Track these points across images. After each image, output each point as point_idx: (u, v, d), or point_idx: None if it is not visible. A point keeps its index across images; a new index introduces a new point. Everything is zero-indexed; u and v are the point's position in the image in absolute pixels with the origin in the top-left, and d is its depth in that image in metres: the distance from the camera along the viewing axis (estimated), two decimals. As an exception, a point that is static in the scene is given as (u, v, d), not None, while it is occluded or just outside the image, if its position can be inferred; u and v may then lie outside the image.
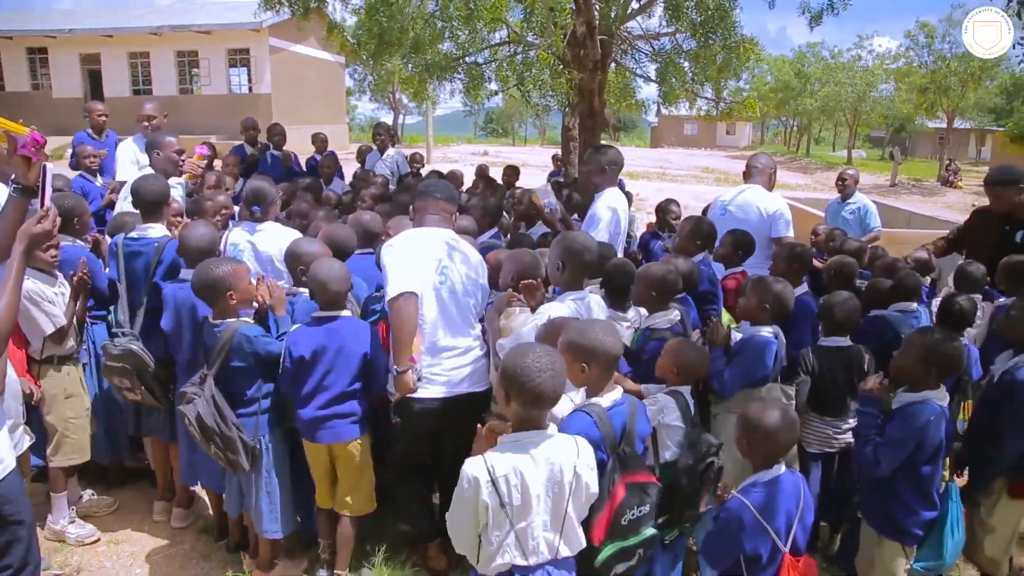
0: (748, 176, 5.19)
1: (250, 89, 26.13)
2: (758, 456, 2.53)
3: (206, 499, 4.05)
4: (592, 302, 3.23)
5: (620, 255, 4.69)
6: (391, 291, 3.08)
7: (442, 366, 3.23)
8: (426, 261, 3.23)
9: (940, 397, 2.88)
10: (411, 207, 3.58)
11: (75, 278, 3.58)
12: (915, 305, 4.09)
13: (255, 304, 3.44)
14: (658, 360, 3.08)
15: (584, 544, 2.31)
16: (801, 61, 43.67)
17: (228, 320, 3.27)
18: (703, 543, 2.73)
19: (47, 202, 2.34)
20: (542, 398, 2.16)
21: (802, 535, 2.51)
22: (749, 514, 2.43)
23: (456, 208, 3.57)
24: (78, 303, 3.65)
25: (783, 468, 2.52)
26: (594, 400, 2.57)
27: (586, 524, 2.38)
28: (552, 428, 2.28)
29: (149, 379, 3.61)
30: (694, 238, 4.35)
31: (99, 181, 6.24)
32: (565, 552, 2.27)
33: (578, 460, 2.24)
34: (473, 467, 2.16)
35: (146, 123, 5.96)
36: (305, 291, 3.51)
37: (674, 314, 3.49)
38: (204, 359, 3.33)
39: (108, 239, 4.37)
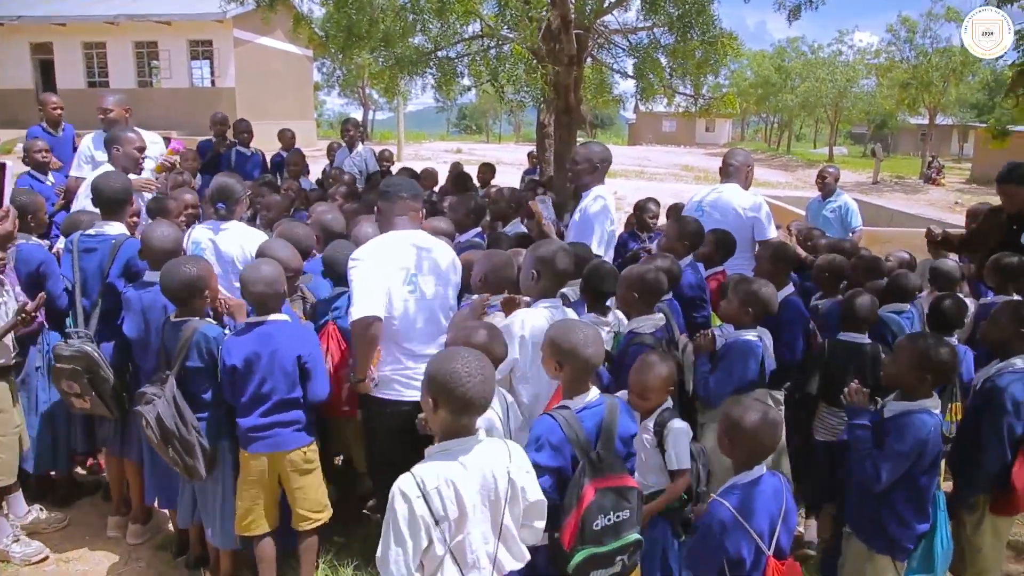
0: (724, 174, 5.21)
1: (213, 83, 25.84)
2: (740, 456, 2.55)
3: (166, 512, 3.97)
4: (567, 310, 3.27)
5: (610, 257, 4.72)
6: (355, 312, 3.15)
7: (417, 370, 3.27)
8: (394, 274, 3.27)
9: (935, 405, 2.88)
10: (376, 208, 3.57)
11: (23, 313, 3.43)
12: (907, 306, 4.14)
13: (216, 310, 3.44)
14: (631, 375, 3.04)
15: (528, 557, 2.26)
16: (781, 56, 44.22)
17: (190, 319, 3.24)
18: (687, 554, 2.74)
19: (6, 202, 2.28)
20: (472, 404, 2.09)
21: (786, 538, 2.51)
22: (728, 515, 2.43)
23: (422, 206, 3.55)
24: (16, 323, 3.48)
25: (764, 469, 2.53)
26: (565, 402, 2.60)
27: (556, 528, 2.40)
28: (481, 433, 2.20)
29: (101, 384, 3.52)
30: (681, 238, 4.33)
31: (50, 179, 6.10)
32: (510, 565, 2.22)
33: (511, 464, 2.18)
34: (401, 484, 2.05)
35: (102, 116, 5.82)
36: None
37: (658, 317, 3.49)
38: (165, 359, 3.29)
39: (62, 239, 4.29)
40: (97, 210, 4.18)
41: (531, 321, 3.14)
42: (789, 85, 42.12)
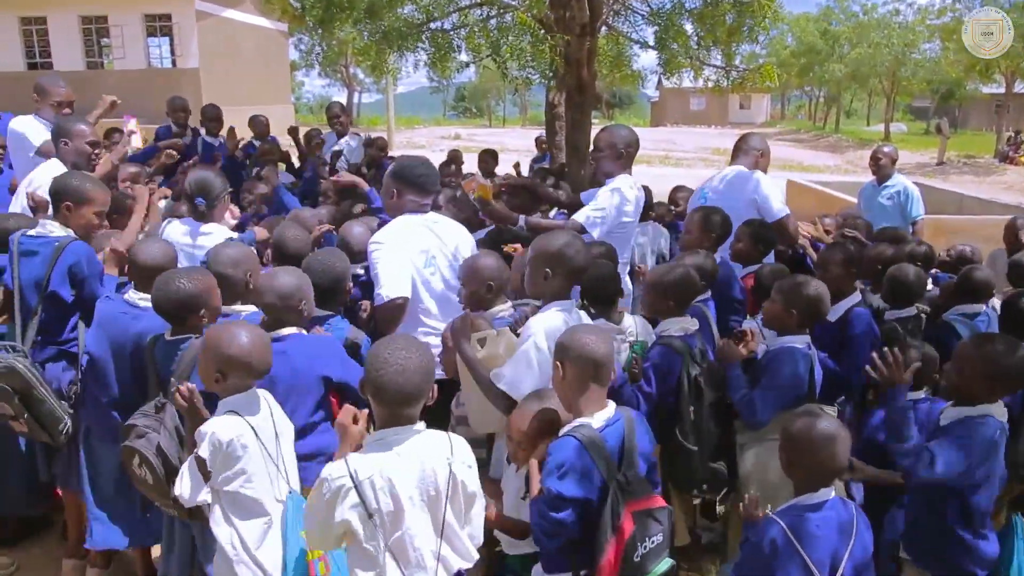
0: (735, 158, 5.24)
1: (174, 63, 26.03)
2: (802, 477, 2.55)
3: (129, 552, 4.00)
4: (580, 314, 3.28)
5: (628, 255, 4.73)
6: (384, 292, 3.60)
7: (437, 350, 3.32)
8: (415, 256, 3.74)
9: (1000, 413, 2.89)
10: (391, 190, 3.91)
11: None
12: (983, 307, 4.12)
13: None
14: None
15: (476, 556, 2.39)
16: (827, 19, 44.23)
17: (190, 336, 3.19)
18: (733, 570, 2.75)
19: None
20: (385, 392, 2.25)
21: (852, 573, 2.49)
22: (781, 535, 2.44)
23: (436, 189, 3.97)
24: None
25: (831, 494, 2.53)
26: (582, 420, 2.59)
27: (592, 563, 2.44)
28: (420, 424, 2.33)
29: (36, 405, 3.49)
30: (707, 229, 4.32)
31: None
32: (457, 563, 2.33)
33: (453, 458, 2.31)
34: (332, 470, 2.20)
35: (66, 109, 5.81)
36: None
37: (689, 321, 3.50)
38: (157, 384, 3.23)
39: None
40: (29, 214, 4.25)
41: (550, 326, 3.08)
42: (837, 52, 42.05)
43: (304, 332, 3.28)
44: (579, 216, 4.41)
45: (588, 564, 2.46)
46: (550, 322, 3.07)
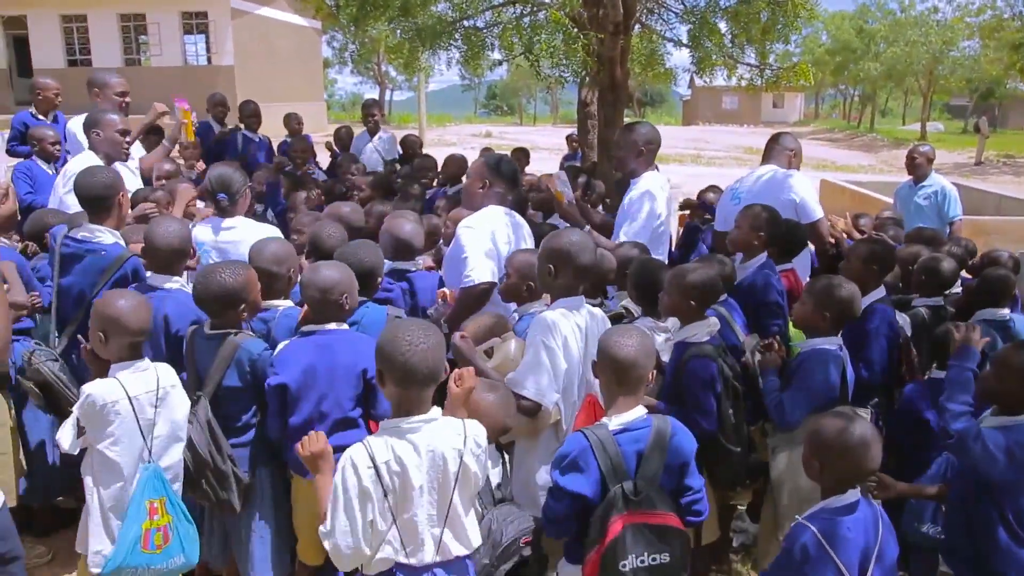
0: (767, 157, 5.18)
1: (209, 60, 26.30)
2: (830, 481, 2.52)
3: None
4: (589, 311, 3.29)
5: (665, 253, 4.72)
6: (473, 276, 3.81)
7: None
8: (501, 245, 3.98)
9: None
10: (483, 180, 4.16)
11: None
12: (1007, 311, 4.06)
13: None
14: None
15: (478, 542, 2.49)
16: (864, 16, 43.67)
17: (228, 331, 3.25)
18: None
19: (0, 178, 2.41)
20: (414, 374, 2.31)
21: (880, 573, 2.47)
22: (812, 540, 2.41)
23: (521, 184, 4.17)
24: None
25: (859, 495, 2.51)
26: (603, 420, 2.63)
27: (582, 560, 2.52)
28: (436, 411, 2.40)
29: (65, 408, 3.49)
30: (756, 229, 4.21)
31: (51, 171, 6.27)
32: (457, 550, 2.42)
33: (464, 447, 2.39)
34: (353, 453, 2.32)
35: (126, 99, 5.88)
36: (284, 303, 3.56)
37: (712, 322, 3.47)
38: (192, 377, 3.30)
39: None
40: (70, 211, 4.33)
41: (554, 326, 3.15)
42: (873, 51, 41.50)
43: (346, 327, 3.30)
44: (631, 235, 4.51)
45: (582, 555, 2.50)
46: (553, 321, 3.12)
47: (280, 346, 3.26)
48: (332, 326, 3.23)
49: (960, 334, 3.10)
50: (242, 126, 8.24)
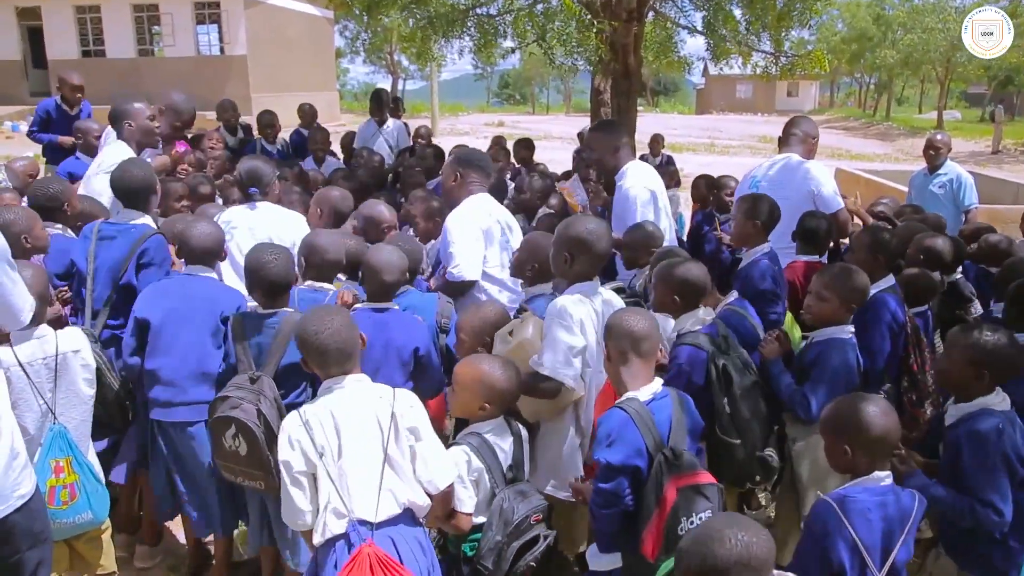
0: (784, 143, 5.14)
1: (222, 50, 26.31)
2: (859, 460, 2.49)
3: (172, 530, 4.08)
4: (608, 296, 3.32)
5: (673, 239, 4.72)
6: (457, 272, 4.04)
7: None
8: (492, 226, 4.19)
9: (999, 402, 2.84)
10: (454, 172, 4.31)
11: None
12: None
13: None
14: None
15: (428, 502, 2.62)
16: (880, 3, 43.21)
17: (284, 310, 3.36)
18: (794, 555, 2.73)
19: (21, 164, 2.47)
20: (327, 354, 2.64)
21: (906, 557, 2.45)
22: (832, 514, 2.40)
23: (493, 171, 4.45)
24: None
25: (889, 480, 2.50)
26: (631, 394, 2.67)
27: (636, 535, 2.51)
28: (364, 376, 2.68)
29: (104, 390, 3.59)
30: (752, 217, 4.19)
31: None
32: (406, 495, 2.56)
33: (395, 400, 2.61)
34: (288, 418, 2.61)
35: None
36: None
37: (704, 312, 3.40)
38: (247, 358, 3.33)
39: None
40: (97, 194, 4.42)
41: (569, 309, 3.17)
42: (890, 38, 41.13)
43: (397, 307, 3.51)
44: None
45: (635, 544, 2.49)
46: (568, 303, 3.17)
47: None
48: (389, 305, 3.48)
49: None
50: (252, 137, 8.17)
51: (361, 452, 2.54)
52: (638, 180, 4.62)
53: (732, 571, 1.83)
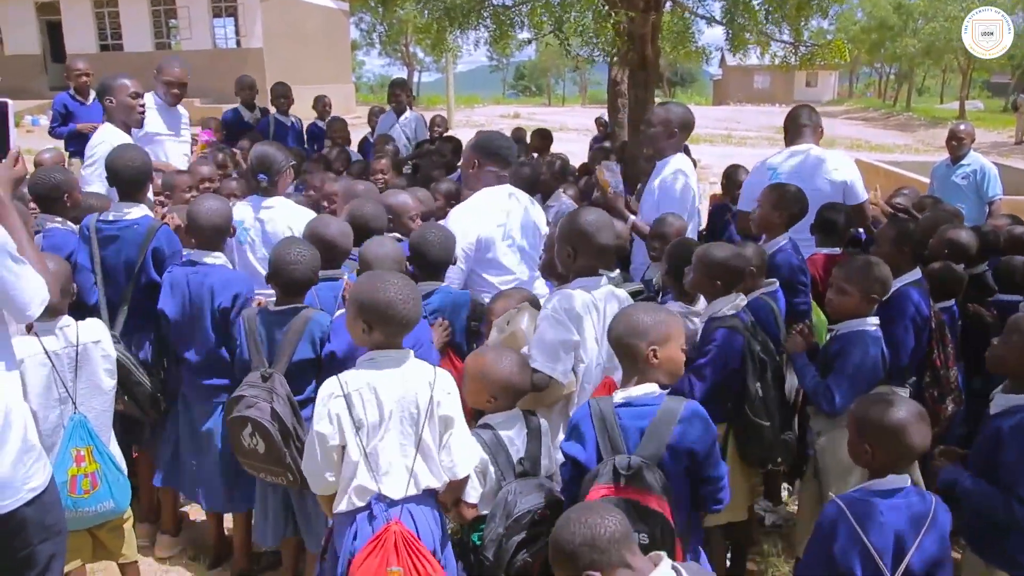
0: (796, 135, 5.01)
1: (238, 43, 26.46)
2: (881, 462, 2.47)
3: (194, 520, 4.12)
4: (609, 290, 3.27)
5: (695, 234, 4.70)
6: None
7: None
8: (494, 230, 3.97)
9: None
10: (472, 160, 4.16)
11: None
12: None
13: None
14: None
15: (442, 480, 2.65)
16: (903, -8, 42.66)
17: (296, 306, 3.33)
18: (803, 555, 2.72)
19: (13, 144, 2.46)
20: (406, 324, 2.61)
21: (920, 566, 2.39)
22: (842, 517, 2.39)
23: (515, 161, 4.24)
24: None
25: (906, 482, 2.46)
26: (618, 392, 2.66)
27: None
28: (410, 352, 2.65)
29: (134, 387, 3.63)
30: (779, 208, 4.16)
31: None
32: (427, 481, 2.62)
33: (435, 385, 2.61)
34: (327, 385, 2.57)
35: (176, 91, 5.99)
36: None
37: (738, 298, 3.41)
38: (259, 354, 3.32)
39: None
40: (102, 192, 4.41)
41: (568, 302, 3.16)
42: (911, 27, 40.65)
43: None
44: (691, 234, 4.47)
45: None
46: (566, 297, 3.15)
47: (338, 313, 3.33)
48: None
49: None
50: (273, 108, 8.26)
51: (397, 434, 2.58)
52: (681, 167, 4.59)
53: (578, 553, 1.93)
